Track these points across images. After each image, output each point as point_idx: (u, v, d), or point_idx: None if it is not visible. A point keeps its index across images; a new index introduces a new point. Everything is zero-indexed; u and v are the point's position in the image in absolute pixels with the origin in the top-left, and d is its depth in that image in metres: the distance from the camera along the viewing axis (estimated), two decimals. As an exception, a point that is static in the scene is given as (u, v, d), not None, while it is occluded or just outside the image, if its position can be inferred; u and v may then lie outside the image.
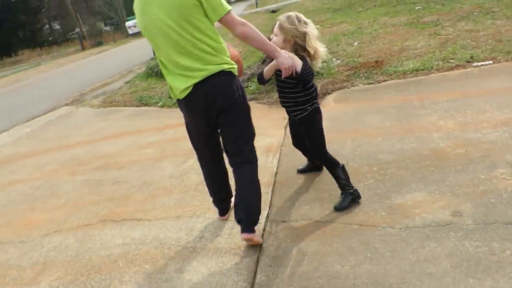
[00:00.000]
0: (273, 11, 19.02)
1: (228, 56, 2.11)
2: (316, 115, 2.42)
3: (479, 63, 4.55)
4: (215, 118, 2.14)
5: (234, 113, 2.14)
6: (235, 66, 2.14)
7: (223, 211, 2.57)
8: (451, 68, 4.64)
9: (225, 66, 2.06)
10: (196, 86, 2.03)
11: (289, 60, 2.09)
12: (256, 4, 29.81)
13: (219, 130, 2.27)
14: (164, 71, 2.16)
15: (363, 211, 2.38)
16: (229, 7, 1.96)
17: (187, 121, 2.29)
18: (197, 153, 2.44)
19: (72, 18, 32.07)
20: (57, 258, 2.49)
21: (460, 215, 2.16)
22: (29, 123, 6.60)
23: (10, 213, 3.25)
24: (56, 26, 49.15)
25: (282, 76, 2.17)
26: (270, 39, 2.22)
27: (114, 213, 2.92)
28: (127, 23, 7.52)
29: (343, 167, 2.51)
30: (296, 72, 2.13)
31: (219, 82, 2.05)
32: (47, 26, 48.71)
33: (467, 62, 4.71)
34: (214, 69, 2.02)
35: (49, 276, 2.34)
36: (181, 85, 2.05)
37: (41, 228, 2.91)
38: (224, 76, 2.06)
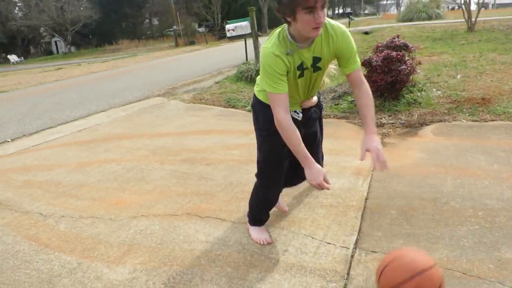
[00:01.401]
0: (366, 33, 18.65)
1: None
2: None
3: None
4: None
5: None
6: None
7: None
8: None
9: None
10: None
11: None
12: (349, 24, 29.49)
13: None
14: None
15: (466, 259, 2.16)
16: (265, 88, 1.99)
17: None
18: None
19: (171, 15, 34.02)
20: (143, 242, 2.56)
21: None
22: (125, 107, 7.02)
23: (103, 189, 3.42)
24: (155, 22, 52.60)
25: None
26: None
27: (199, 209, 2.95)
28: (227, 26, 7.64)
29: None
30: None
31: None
32: (147, 20, 52.29)
33: None
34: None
35: (134, 258, 2.39)
36: None
37: (130, 209, 3.02)
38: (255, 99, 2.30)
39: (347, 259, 2.25)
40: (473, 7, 16.27)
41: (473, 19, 14.18)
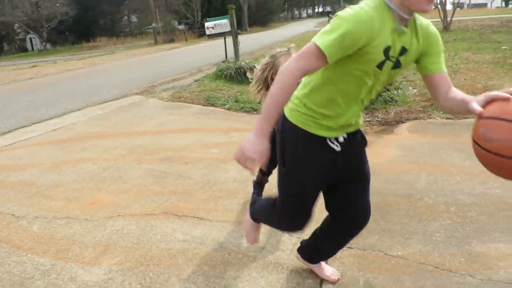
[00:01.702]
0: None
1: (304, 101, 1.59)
2: None
3: None
4: None
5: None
6: (296, 109, 1.62)
7: None
8: (542, 115, 4.30)
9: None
10: None
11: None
12: (328, 21, 29.69)
13: None
14: None
15: (439, 253, 2.21)
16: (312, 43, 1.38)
17: None
18: None
19: (150, 13, 33.60)
20: (119, 243, 2.53)
21: (554, 279, 1.94)
22: (102, 106, 6.90)
23: (78, 189, 3.36)
24: (134, 19, 51.89)
25: None
26: None
27: (177, 208, 2.93)
28: (207, 24, 7.50)
29: None
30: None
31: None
32: (126, 17, 51.56)
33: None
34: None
35: (110, 259, 2.36)
36: None
37: (106, 209, 2.98)
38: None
39: (323, 255, 2.27)
40: (449, 7, 16.63)
41: (448, 19, 14.51)
